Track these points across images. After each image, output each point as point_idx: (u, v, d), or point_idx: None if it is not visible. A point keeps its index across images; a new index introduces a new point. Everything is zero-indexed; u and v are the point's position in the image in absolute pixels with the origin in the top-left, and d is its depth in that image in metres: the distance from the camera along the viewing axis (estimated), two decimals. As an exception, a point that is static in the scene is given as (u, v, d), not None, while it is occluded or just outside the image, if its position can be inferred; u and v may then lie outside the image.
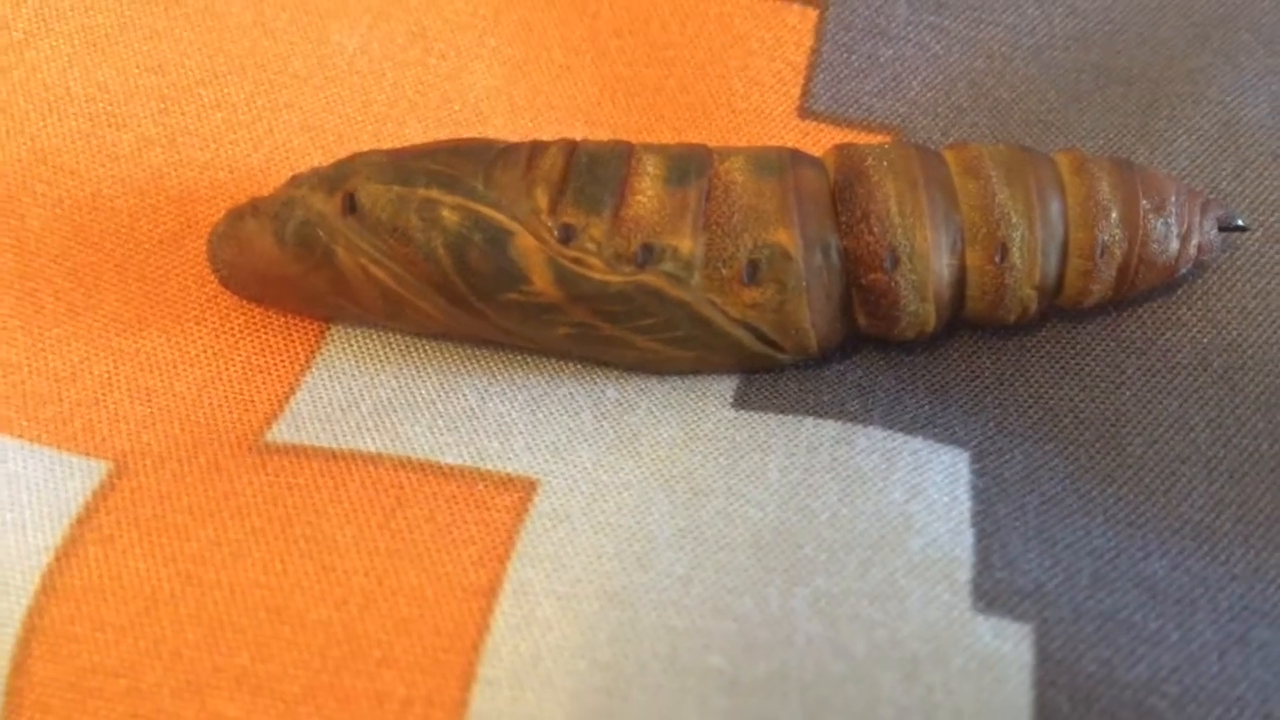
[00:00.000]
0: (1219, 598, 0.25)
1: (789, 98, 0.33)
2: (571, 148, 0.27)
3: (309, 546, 0.24)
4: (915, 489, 0.26)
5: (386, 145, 0.32)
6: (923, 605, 0.24)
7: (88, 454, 0.26)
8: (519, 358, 0.29)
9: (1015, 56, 0.33)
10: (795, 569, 0.24)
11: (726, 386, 0.28)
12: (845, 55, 0.33)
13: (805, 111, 0.33)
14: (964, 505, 0.26)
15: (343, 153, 0.31)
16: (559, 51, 0.34)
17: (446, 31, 0.33)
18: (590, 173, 0.27)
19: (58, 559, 0.24)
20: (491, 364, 0.29)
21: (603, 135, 0.32)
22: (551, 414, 0.27)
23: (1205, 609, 0.24)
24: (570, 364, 0.29)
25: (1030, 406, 0.29)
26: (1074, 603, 0.24)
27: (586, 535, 0.25)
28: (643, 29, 0.34)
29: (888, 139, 0.32)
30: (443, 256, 0.26)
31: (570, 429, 0.27)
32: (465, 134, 0.32)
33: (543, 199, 0.26)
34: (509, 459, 0.26)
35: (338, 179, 0.27)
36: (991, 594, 0.24)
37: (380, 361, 0.29)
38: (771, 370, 0.29)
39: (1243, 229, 0.29)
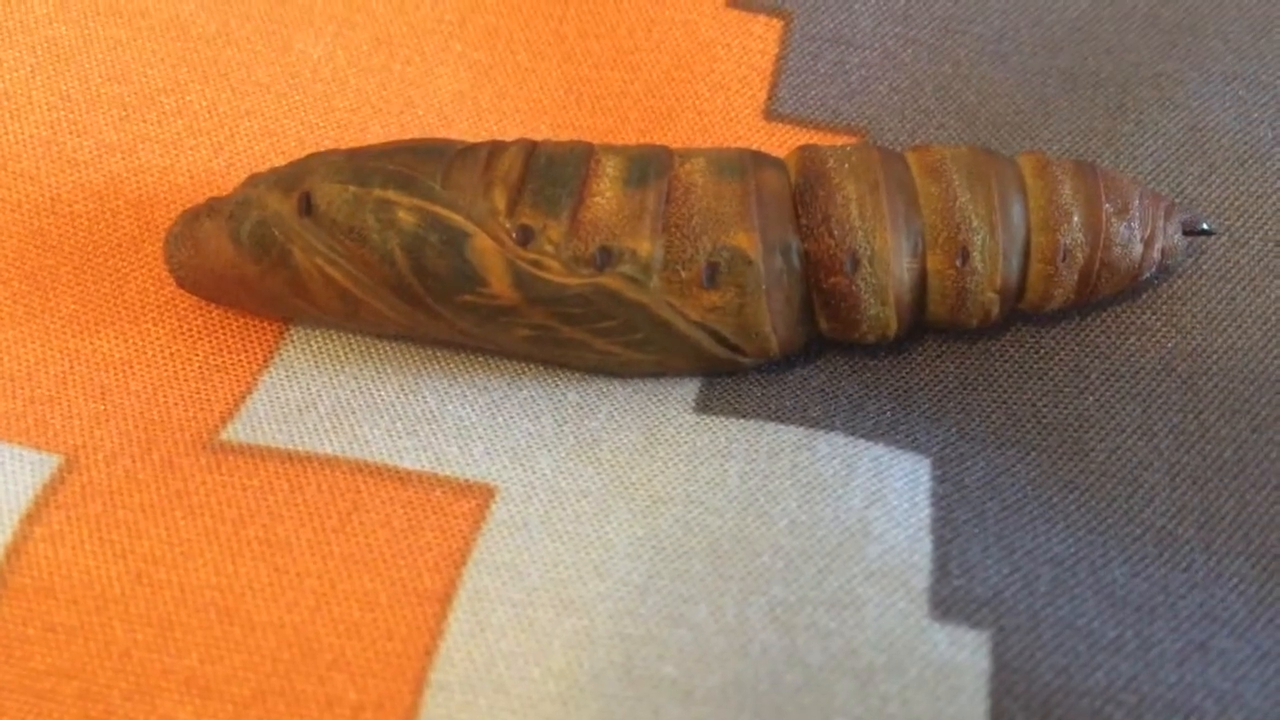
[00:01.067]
0: (1179, 605, 0.24)
1: (755, 101, 0.33)
2: (531, 148, 0.27)
3: (262, 548, 0.24)
4: (875, 496, 0.25)
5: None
6: (879, 613, 0.23)
7: (39, 447, 0.26)
8: (480, 360, 0.29)
9: (982, 62, 0.33)
10: (752, 577, 0.24)
11: (688, 390, 0.28)
12: (811, 61, 0.33)
13: (771, 114, 0.33)
14: (923, 512, 0.25)
15: (303, 157, 0.31)
16: (524, 55, 0.34)
17: (411, 37, 0.33)
18: (548, 174, 0.26)
19: (8, 557, 0.24)
20: (452, 366, 0.28)
21: (567, 138, 0.32)
22: (512, 418, 0.27)
23: (1165, 616, 0.24)
24: (532, 366, 0.29)
25: (993, 412, 0.28)
26: (1032, 610, 0.24)
27: (544, 543, 0.24)
28: (609, 34, 0.34)
29: (854, 141, 0.32)
30: (399, 258, 0.26)
31: (530, 434, 0.27)
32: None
33: (500, 200, 0.26)
34: (468, 465, 0.26)
35: (294, 179, 0.27)
36: (949, 602, 0.24)
37: (339, 362, 0.28)
38: (733, 373, 0.28)
39: (1208, 233, 0.28)
